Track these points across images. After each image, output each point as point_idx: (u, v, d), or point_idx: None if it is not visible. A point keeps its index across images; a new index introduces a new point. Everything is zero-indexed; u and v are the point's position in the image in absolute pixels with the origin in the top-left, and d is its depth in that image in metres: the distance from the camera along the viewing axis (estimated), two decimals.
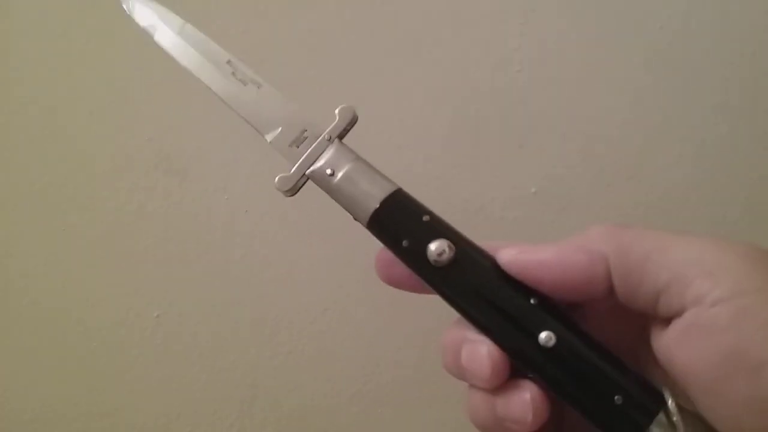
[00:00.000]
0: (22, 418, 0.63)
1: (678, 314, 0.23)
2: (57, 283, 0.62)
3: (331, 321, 0.63)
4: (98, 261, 0.61)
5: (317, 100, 0.32)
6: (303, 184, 0.30)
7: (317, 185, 0.29)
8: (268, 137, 0.31)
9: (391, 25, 0.59)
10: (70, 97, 0.60)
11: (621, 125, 0.60)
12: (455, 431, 0.65)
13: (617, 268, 0.25)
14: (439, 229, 0.27)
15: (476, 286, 0.26)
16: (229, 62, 0.32)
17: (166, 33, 0.32)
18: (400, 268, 0.28)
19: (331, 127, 0.30)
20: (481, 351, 0.26)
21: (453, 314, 0.28)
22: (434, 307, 0.29)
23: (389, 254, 0.28)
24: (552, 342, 0.24)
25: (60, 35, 0.59)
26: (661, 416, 0.23)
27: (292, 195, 0.30)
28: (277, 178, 0.30)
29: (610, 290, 0.25)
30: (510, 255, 0.26)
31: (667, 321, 0.24)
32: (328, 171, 0.29)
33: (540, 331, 0.25)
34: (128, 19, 0.33)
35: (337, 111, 0.30)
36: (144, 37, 0.32)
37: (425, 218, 0.27)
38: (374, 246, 0.29)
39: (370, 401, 0.64)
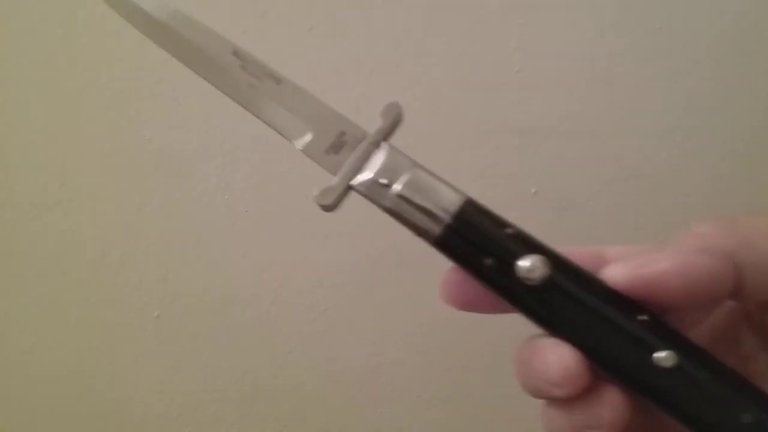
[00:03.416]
0: (22, 418, 0.63)
1: None
2: (56, 283, 0.62)
3: (331, 321, 0.63)
4: (98, 261, 0.61)
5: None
6: (345, 197, 0.25)
7: (366, 197, 0.25)
8: (298, 144, 0.26)
9: (390, 25, 0.59)
10: (69, 96, 0.60)
11: (620, 125, 0.60)
12: (455, 431, 0.65)
13: (749, 260, 0.22)
14: (527, 242, 0.24)
15: (576, 305, 0.23)
16: (235, 53, 0.27)
17: (151, 21, 0.27)
18: (476, 289, 0.25)
19: (377, 128, 0.26)
20: (551, 355, 0.23)
21: (452, 315, 0.28)
22: (433, 306, 0.29)
23: (460, 275, 0.25)
24: (671, 362, 0.22)
25: (60, 35, 0.59)
26: None
27: (334, 209, 0.26)
28: (318, 191, 0.25)
29: (734, 290, 0.23)
30: (623, 271, 0.22)
31: None
32: (383, 181, 0.25)
33: (656, 351, 0.22)
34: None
35: (382, 109, 0.26)
36: (131, 31, 0.28)
37: (508, 231, 0.24)
38: (372, 246, 0.29)
39: (370, 401, 0.64)
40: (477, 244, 0.24)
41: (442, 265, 0.27)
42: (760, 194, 0.62)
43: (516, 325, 0.24)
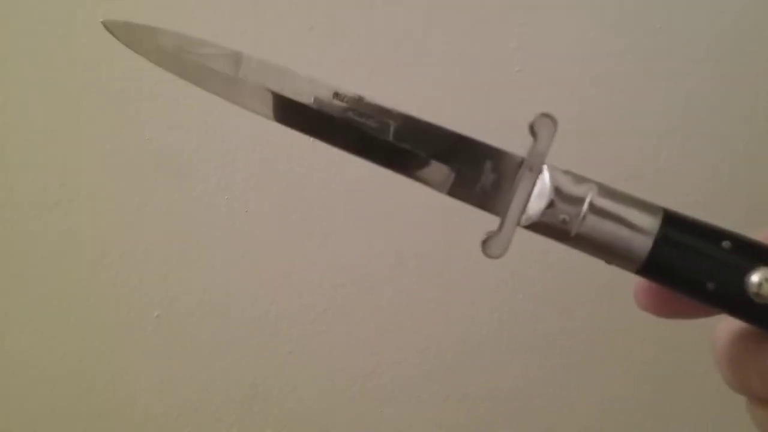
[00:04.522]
0: (22, 418, 0.63)
1: None
2: (56, 283, 0.62)
3: (331, 321, 0.63)
4: (98, 261, 0.61)
5: None
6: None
7: (541, 234, 0.21)
8: (441, 188, 0.22)
9: (390, 25, 0.59)
10: (69, 96, 0.60)
11: (620, 125, 0.60)
12: (455, 431, 0.65)
13: None
14: (751, 253, 0.20)
15: None
16: (336, 95, 0.22)
17: (224, 81, 0.22)
18: (681, 299, 0.21)
19: (533, 150, 0.22)
20: None
21: (451, 315, 0.28)
22: (433, 306, 0.29)
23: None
24: None
25: (60, 35, 0.59)
26: None
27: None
28: (485, 241, 0.21)
29: None
30: None
31: None
32: (562, 216, 0.21)
33: None
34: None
35: (533, 124, 0.22)
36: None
37: (725, 243, 0.20)
38: (372, 246, 0.28)
39: (370, 401, 0.64)
40: (692, 265, 0.20)
41: (441, 265, 0.27)
42: (760, 194, 0.62)
43: (516, 324, 0.24)
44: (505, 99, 0.59)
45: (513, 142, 0.23)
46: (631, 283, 0.22)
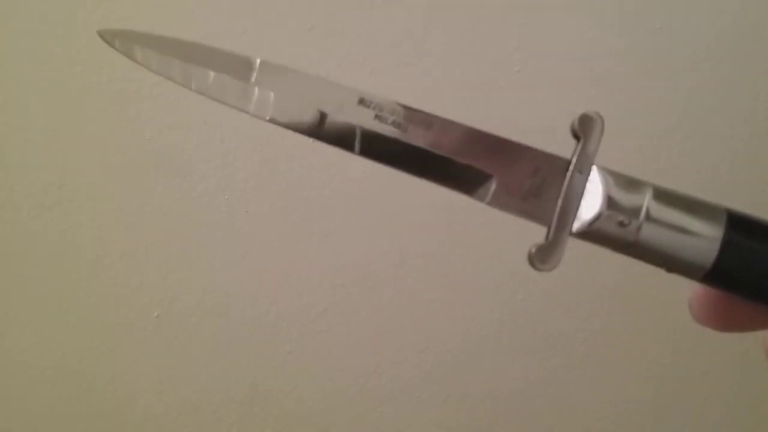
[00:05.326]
0: (22, 418, 0.63)
1: None
2: (56, 283, 0.62)
3: (331, 321, 0.63)
4: (98, 261, 0.61)
5: None
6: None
7: (595, 243, 0.19)
8: (483, 197, 0.20)
9: (390, 25, 0.59)
10: (69, 96, 0.60)
11: (620, 125, 0.60)
12: (455, 431, 0.65)
13: None
14: None
15: None
16: (362, 102, 0.20)
17: (238, 90, 0.20)
18: (744, 308, 0.20)
19: (577, 151, 0.20)
20: None
21: (451, 315, 0.28)
22: (432, 306, 0.29)
23: (717, 291, 0.20)
24: None
25: (60, 35, 0.59)
26: None
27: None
28: (533, 252, 0.19)
29: None
30: None
31: None
32: (620, 218, 0.19)
33: None
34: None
35: (576, 124, 0.21)
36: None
37: None
38: (372, 246, 0.28)
39: (370, 401, 0.64)
40: (764, 268, 0.19)
41: (440, 266, 0.27)
42: (760, 194, 0.62)
43: (517, 325, 0.24)
44: (505, 99, 0.59)
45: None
46: (631, 284, 0.22)
